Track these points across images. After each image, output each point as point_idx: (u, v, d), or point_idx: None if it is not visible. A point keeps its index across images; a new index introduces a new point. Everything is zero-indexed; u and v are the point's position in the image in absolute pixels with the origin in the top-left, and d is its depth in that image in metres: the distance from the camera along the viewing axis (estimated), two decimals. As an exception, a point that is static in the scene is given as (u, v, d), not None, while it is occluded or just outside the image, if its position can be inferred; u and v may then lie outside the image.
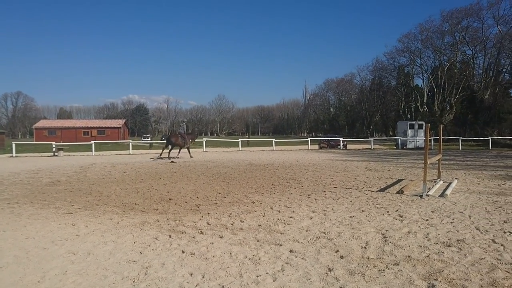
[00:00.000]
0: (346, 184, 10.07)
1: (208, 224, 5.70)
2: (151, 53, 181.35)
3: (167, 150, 19.78)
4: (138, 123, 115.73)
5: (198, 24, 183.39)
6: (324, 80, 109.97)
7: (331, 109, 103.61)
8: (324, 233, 5.12)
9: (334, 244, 4.63)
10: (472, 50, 49.77)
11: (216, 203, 7.37)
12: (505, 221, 5.75)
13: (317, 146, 35.25)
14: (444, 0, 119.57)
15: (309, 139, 36.52)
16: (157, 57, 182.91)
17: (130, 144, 28.05)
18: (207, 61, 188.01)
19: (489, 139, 33.74)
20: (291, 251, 4.38)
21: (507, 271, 3.69)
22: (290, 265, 3.92)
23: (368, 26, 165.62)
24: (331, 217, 6.09)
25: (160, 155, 20.24)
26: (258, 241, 4.78)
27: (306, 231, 5.24)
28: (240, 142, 31.66)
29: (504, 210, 6.57)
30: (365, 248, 4.46)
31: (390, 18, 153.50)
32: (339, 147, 33.55)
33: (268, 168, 14.41)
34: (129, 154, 24.98)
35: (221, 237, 4.96)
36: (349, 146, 35.57)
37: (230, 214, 6.38)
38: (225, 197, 8.03)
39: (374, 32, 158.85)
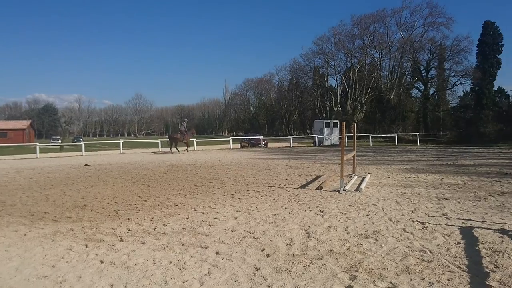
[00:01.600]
0: (268, 182, 10.24)
1: (129, 230, 5.40)
2: (59, 48, 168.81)
3: (174, 146, 25.46)
4: (46, 124, 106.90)
5: (113, 17, 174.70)
6: (244, 80, 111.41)
7: (251, 108, 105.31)
8: (250, 232, 5.13)
9: (260, 243, 4.65)
10: (379, 54, 53.73)
11: (137, 208, 7.03)
12: (413, 211, 6.25)
13: (238, 145, 35.53)
14: (354, 6, 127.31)
15: (230, 138, 36.66)
16: (67, 53, 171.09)
17: (38, 147, 25.76)
18: (122, 59, 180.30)
19: (395, 136, 36.69)
20: (217, 253, 4.30)
21: (418, 258, 3.98)
22: (217, 267, 3.85)
23: (286, 28, 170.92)
24: (255, 216, 6.13)
25: (171, 151, 25.47)
26: (182, 245, 4.63)
27: (232, 231, 5.21)
28: (160, 143, 30.74)
29: (411, 201, 7.15)
30: (290, 245, 4.54)
31: (306, 21, 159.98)
32: (260, 145, 34.16)
33: (190, 169, 14.16)
34: (37, 158, 22.95)
35: (143, 243, 4.72)
36: (269, 145, 36.37)
37: (152, 218, 6.12)
38: (146, 201, 7.70)
39: (291, 33, 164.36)
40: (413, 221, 5.56)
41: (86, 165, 16.31)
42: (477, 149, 26.40)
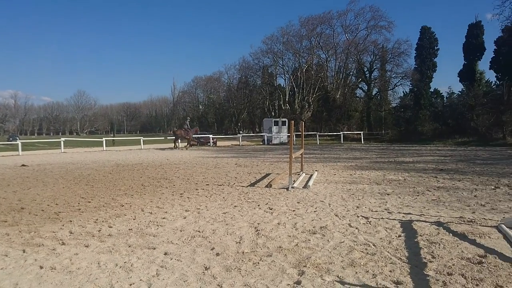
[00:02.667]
0: (218, 180, 10.20)
1: (71, 233, 5.14)
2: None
3: (178, 142, 28.65)
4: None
5: (51, 11, 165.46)
6: (193, 78, 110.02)
7: (200, 107, 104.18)
8: (199, 231, 5.07)
9: (209, 242, 4.61)
10: (325, 54, 55.24)
11: (80, 209, 6.71)
12: (357, 207, 6.49)
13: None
14: (302, 6, 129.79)
15: (179, 136, 36.06)
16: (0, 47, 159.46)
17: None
18: (63, 54, 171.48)
19: (341, 134, 37.93)
20: (165, 253, 4.21)
21: (362, 251, 4.14)
22: (166, 268, 3.77)
23: (235, 26, 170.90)
24: (205, 214, 6.08)
25: (175, 147, 28.39)
26: (129, 246, 4.49)
27: (181, 231, 5.12)
28: (104, 142, 29.61)
29: (356, 197, 7.43)
30: (239, 243, 4.55)
31: (254, 20, 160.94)
32: (209, 144, 33.94)
33: (137, 168, 13.77)
34: (-33, 158, 21.25)
35: (86, 246, 4.52)
36: (219, 143, 36.27)
37: (97, 220, 5.87)
38: (89, 202, 7.38)
39: (240, 32, 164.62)
40: (358, 216, 5.78)
41: (23, 165, 15.33)
42: (416, 146, 27.99)
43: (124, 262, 3.95)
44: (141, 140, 32.27)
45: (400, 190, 8.18)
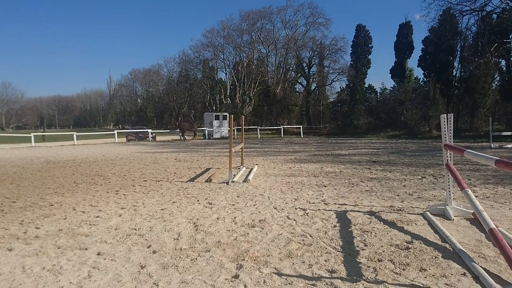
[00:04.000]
0: (156, 176, 9.94)
1: (-8, 236, 4.74)
2: None
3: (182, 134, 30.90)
4: None
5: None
6: (130, 70, 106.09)
7: (139, 100, 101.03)
8: (135, 229, 4.90)
9: (146, 239, 4.47)
10: (266, 49, 55.92)
11: (3, 210, 6.20)
12: (296, 199, 6.63)
13: (124, 139, 33.90)
14: (243, 0, 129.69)
15: (115, 131, 34.73)
16: None
17: None
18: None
19: (281, 128, 38.61)
20: (98, 253, 4.02)
21: (299, 242, 4.23)
22: (98, 269, 3.59)
23: (173, 19, 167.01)
24: (141, 212, 5.89)
25: (184, 139, 30.65)
26: (58, 248, 4.22)
27: (115, 229, 4.92)
28: (33, 137, 27.71)
29: (295, 189, 7.59)
30: (177, 239, 4.46)
31: (194, 12, 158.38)
32: (148, 139, 33.05)
33: (69, 165, 13.04)
34: None
35: (10, 250, 4.18)
36: (158, 138, 35.41)
37: (22, 221, 5.46)
38: (14, 202, 6.85)
39: (180, 24, 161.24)
40: (296, 208, 5.90)
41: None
42: (352, 140, 29.22)
43: (53, 265, 3.70)
44: (74, 136, 30.60)
45: (336, 182, 8.48)
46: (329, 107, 51.78)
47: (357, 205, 6.11)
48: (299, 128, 40.87)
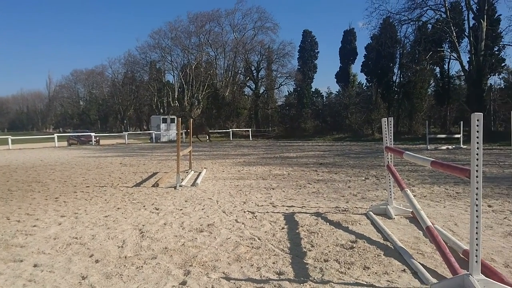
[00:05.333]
0: (100, 182, 9.54)
1: None
2: None
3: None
4: None
5: None
6: (72, 71, 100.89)
7: (81, 103, 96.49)
8: (76, 238, 4.66)
9: (87, 248, 4.26)
10: (214, 52, 55.55)
11: None
12: (244, 202, 6.64)
13: (65, 143, 32.30)
14: (190, 1, 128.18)
15: (55, 135, 32.93)
16: None
17: None
18: None
19: (230, 131, 38.58)
20: (35, 265, 3.77)
21: (248, 246, 4.23)
22: (35, 282, 3.37)
23: (118, 18, 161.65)
24: (83, 219, 5.61)
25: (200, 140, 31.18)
26: (-11, 261, 3.92)
27: (54, 239, 4.64)
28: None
29: (243, 193, 7.60)
30: (122, 247, 4.29)
31: (140, 12, 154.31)
32: (90, 143, 31.70)
33: (2, 171, 12.18)
34: None
35: None
36: (102, 142, 34.06)
37: None
38: None
39: (125, 25, 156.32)
40: (245, 212, 5.90)
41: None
42: (299, 142, 29.81)
43: (-18, 280, 3.42)
44: (9, 140, 28.62)
45: (284, 184, 8.60)
46: (277, 110, 52.45)
47: (304, 206, 6.23)
48: (248, 131, 41.05)
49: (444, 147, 19.59)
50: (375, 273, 3.39)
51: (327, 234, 4.60)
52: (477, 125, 2.87)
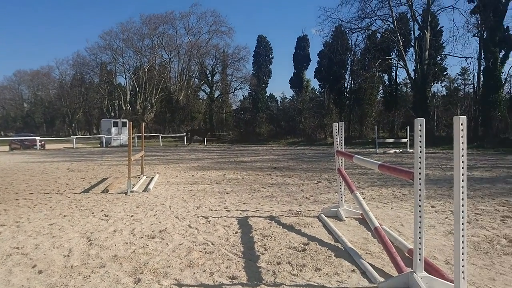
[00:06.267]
0: (45, 188, 9.07)
1: None
2: None
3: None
4: None
5: None
6: (15, 71, 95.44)
7: (25, 105, 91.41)
8: (17, 248, 4.39)
9: (30, 259, 4.02)
10: (168, 55, 54.83)
11: None
12: (198, 207, 6.56)
13: (7, 147, 30.49)
14: (142, 3, 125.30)
15: (-4, 139, 31.02)
16: None
17: None
18: None
19: (184, 135, 38.10)
20: (-30, 279, 3.51)
21: (201, 251, 4.18)
22: (-31, 297, 3.14)
23: (66, 17, 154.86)
24: (26, 228, 5.30)
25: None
26: None
27: (-7, 250, 4.35)
28: None
29: (197, 197, 7.51)
30: (68, 256, 4.09)
31: (89, 11, 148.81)
32: (35, 147, 30.14)
33: None
34: None
35: None
36: (48, 146, 32.49)
37: None
38: None
39: (73, 23, 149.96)
40: (198, 217, 5.83)
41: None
42: (254, 147, 29.99)
43: None
44: None
45: (239, 188, 8.60)
46: (232, 114, 52.52)
47: (258, 210, 6.26)
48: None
49: (392, 151, 20.46)
50: (326, 274, 3.46)
51: (280, 237, 4.65)
52: (420, 130, 3.02)
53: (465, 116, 2.63)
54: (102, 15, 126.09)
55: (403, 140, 22.56)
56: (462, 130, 2.56)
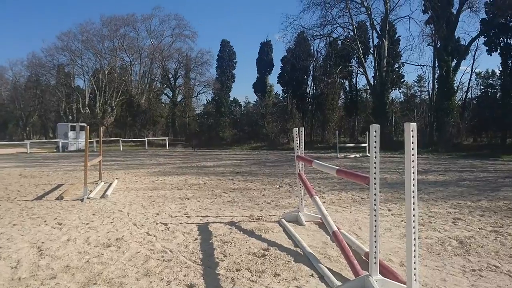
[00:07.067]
0: (-6, 195, 8.58)
1: None
2: None
3: None
4: None
5: None
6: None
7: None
8: (-40, 260, 4.11)
9: (-27, 272, 3.78)
10: (129, 58, 53.60)
11: None
12: (157, 214, 6.41)
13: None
14: (104, 4, 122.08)
15: None
16: None
17: None
18: None
19: (145, 140, 37.36)
20: None
21: (158, 259, 4.08)
22: None
23: (20, 16, 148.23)
24: (-30, 238, 4.98)
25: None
26: None
27: None
28: None
29: (157, 204, 7.35)
30: (16, 268, 3.87)
31: (46, 11, 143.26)
32: (-14, 152, 28.58)
33: None
34: None
35: None
36: None
37: None
38: None
39: (29, 23, 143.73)
40: (157, 223, 5.70)
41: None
42: (217, 151, 29.84)
43: None
44: None
45: (200, 194, 8.49)
46: (195, 119, 52.07)
47: (219, 216, 6.20)
48: (165, 139, 40.10)
49: (352, 156, 20.96)
50: (285, 279, 3.46)
51: (240, 243, 4.62)
52: (375, 136, 3.09)
53: (415, 123, 2.71)
54: (60, 15, 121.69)
55: (363, 145, 23.19)
56: (412, 136, 2.64)
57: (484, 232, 5.00)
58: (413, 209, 2.67)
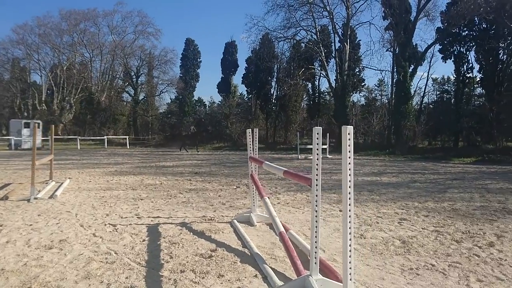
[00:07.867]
0: None
1: None
2: None
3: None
4: None
5: None
6: None
7: None
8: None
9: None
10: (90, 53, 51.96)
11: None
12: (107, 214, 6.24)
13: None
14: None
15: None
16: None
17: None
18: None
19: (105, 138, 36.37)
20: None
21: (101, 261, 3.96)
22: None
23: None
24: None
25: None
26: None
27: None
28: None
29: (108, 204, 7.15)
30: None
31: None
32: None
33: None
34: None
35: None
36: None
37: None
38: None
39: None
40: (105, 225, 5.54)
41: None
42: (179, 151, 29.46)
43: None
44: None
45: (155, 194, 8.35)
46: (158, 118, 51.21)
47: (171, 217, 6.11)
48: (126, 138, 39.18)
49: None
50: (228, 280, 3.45)
51: (188, 244, 4.57)
52: (317, 138, 3.14)
53: (352, 126, 2.78)
54: (15, 7, 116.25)
55: (324, 147, 23.59)
56: (349, 139, 2.70)
57: (426, 232, 5.20)
58: (349, 210, 2.74)
